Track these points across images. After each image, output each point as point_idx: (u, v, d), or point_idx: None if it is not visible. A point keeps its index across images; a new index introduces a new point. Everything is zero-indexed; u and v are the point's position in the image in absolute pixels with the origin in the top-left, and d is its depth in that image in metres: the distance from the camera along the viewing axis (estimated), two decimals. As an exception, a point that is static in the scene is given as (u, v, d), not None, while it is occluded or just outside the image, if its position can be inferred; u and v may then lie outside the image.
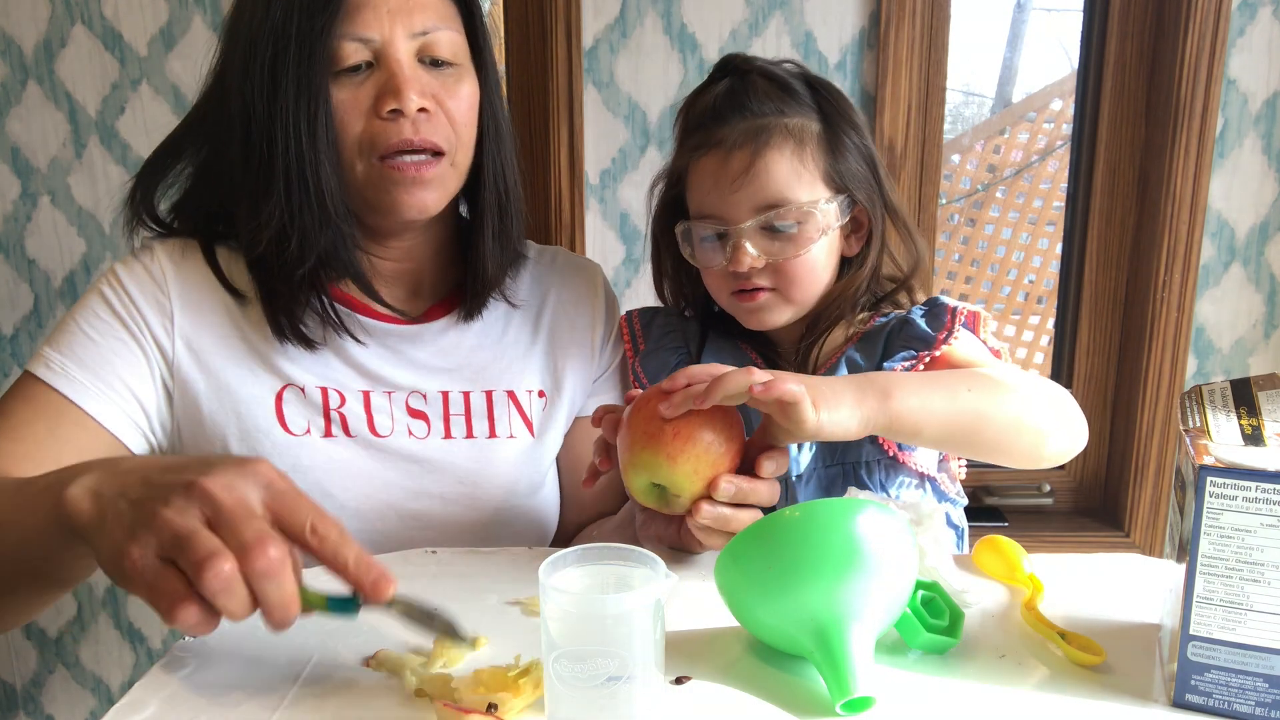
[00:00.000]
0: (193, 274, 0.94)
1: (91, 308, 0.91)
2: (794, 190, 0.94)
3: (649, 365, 1.06)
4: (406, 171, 0.88)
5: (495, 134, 0.95)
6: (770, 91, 0.97)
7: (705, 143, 0.97)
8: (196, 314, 0.93)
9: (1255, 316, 1.61)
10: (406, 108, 0.86)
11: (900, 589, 0.63)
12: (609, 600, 0.55)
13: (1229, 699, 0.58)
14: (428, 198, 0.90)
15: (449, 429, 0.98)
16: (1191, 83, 1.50)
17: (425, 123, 0.88)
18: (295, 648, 0.67)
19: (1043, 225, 3.14)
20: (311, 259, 0.89)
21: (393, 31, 0.86)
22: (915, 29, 1.52)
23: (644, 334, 1.10)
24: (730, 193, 0.95)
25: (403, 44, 0.87)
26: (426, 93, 0.88)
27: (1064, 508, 1.76)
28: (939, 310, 0.97)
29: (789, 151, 0.95)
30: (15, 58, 1.60)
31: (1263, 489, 0.55)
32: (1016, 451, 0.86)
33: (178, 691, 0.62)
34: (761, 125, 0.95)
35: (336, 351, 0.96)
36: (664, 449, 0.76)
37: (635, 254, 1.63)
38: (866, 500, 0.65)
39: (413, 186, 0.89)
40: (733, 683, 0.63)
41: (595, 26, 1.55)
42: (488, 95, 0.94)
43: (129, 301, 0.91)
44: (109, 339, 0.90)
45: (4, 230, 1.67)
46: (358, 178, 0.89)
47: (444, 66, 0.90)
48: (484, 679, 0.60)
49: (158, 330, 0.91)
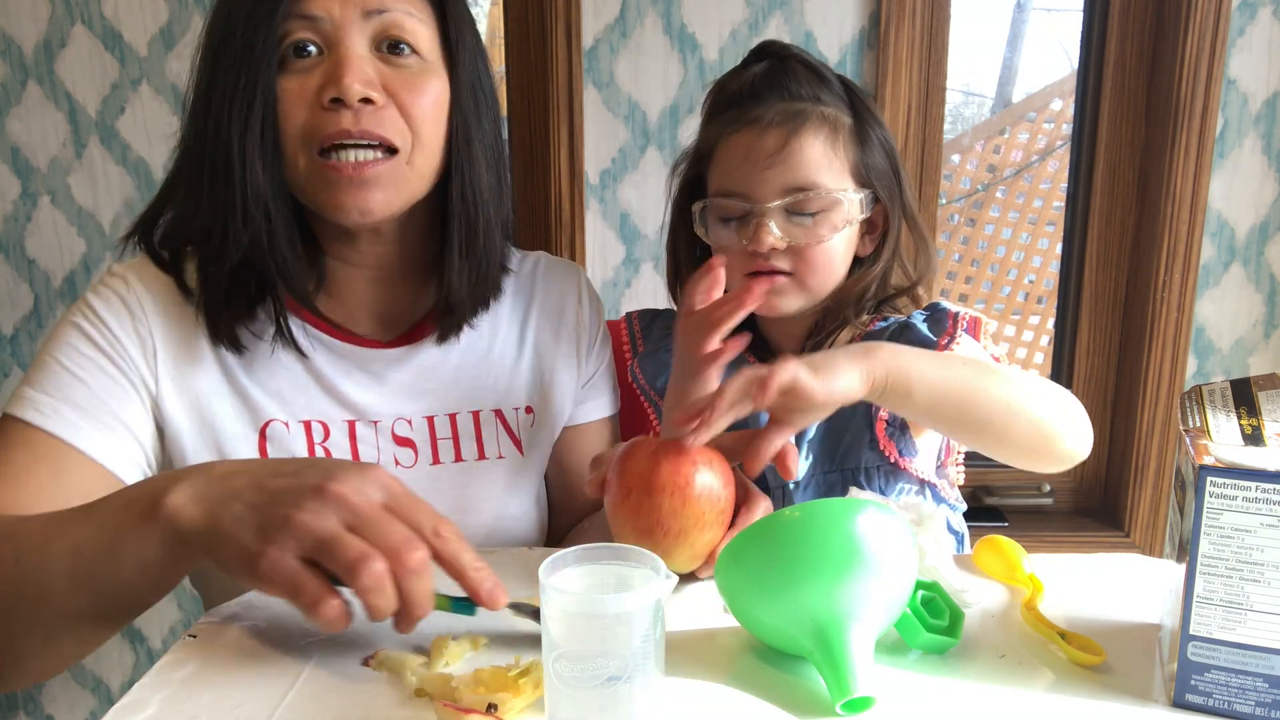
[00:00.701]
0: (172, 302, 0.88)
1: (70, 343, 0.84)
2: (824, 176, 0.94)
3: (648, 366, 1.06)
4: (344, 171, 0.80)
5: (464, 140, 0.87)
6: (808, 77, 0.98)
7: (739, 119, 0.96)
8: (178, 347, 0.87)
9: (1255, 316, 1.61)
10: (347, 95, 0.78)
11: (900, 589, 0.63)
12: (609, 600, 0.55)
13: (1229, 699, 0.58)
14: (372, 199, 0.82)
15: (437, 454, 0.94)
16: (1191, 83, 1.50)
17: (370, 114, 0.80)
18: (295, 648, 0.67)
19: (1043, 225, 3.14)
20: (235, 255, 0.82)
21: (344, 13, 0.80)
22: (915, 29, 1.52)
23: (644, 335, 1.10)
24: (761, 170, 0.94)
25: (354, 25, 0.80)
26: (374, 81, 0.80)
27: (1064, 508, 1.76)
28: (940, 316, 0.97)
29: (823, 137, 0.95)
30: (15, 58, 1.60)
31: (1263, 489, 0.55)
32: (1013, 440, 0.83)
33: (178, 691, 0.62)
34: (799, 109, 0.95)
35: (317, 381, 0.91)
36: (658, 544, 0.72)
37: (635, 254, 1.63)
38: (866, 500, 0.65)
39: (352, 187, 0.81)
40: (733, 683, 0.63)
41: (595, 26, 1.55)
42: (458, 96, 0.86)
43: (108, 334, 0.85)
44: (96, 375, 0.84)
45: (4, 230, 1.67)
46: (300, 174, 0.82)
47: (405, 55, 0.83)
48: (484, 679, 0.60)
49: (140, 364, 0.85)
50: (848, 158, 0.96)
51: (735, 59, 1.55)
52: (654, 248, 1.63)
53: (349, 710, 0.60)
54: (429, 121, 0.84)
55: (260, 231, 0.81)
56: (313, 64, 0.81)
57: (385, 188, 0.82)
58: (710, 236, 0.99)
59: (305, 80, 0.80)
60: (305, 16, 0.79)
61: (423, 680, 0.62)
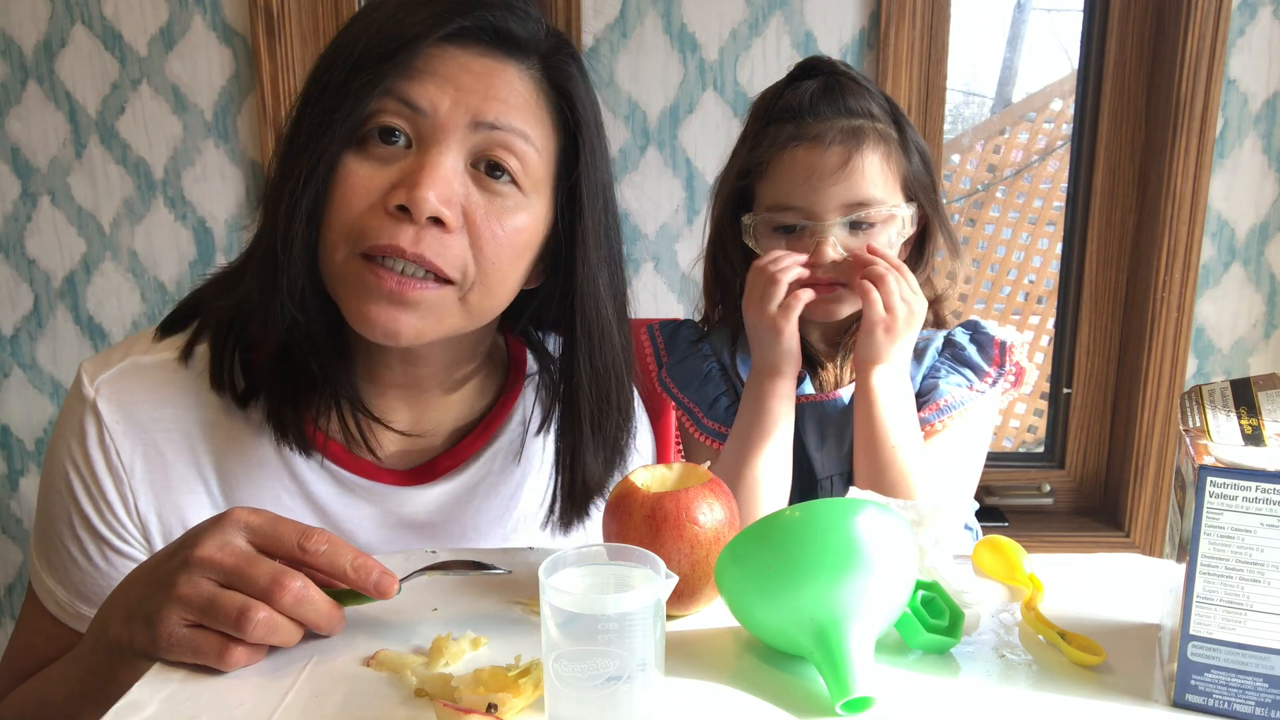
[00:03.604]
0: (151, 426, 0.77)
1: (68, 515, 0.77)
2: (881, 191, 0.98)
3: (677, 375, 1.08)
4: (385, 282, 0.68)
5: (590, 302, 0.74)
6: (860, 93, 1.00)
7: (799, 136, 0.98)
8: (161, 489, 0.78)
9: (1255, 316, 1.61)
10: (418, 210, 0.66)
11: (900, 589, 0.63)
12: (609, 600, 0.55)
13: (1229, 699, 0.58)
14: (404, 323, 0.70)
15: None
16: (1191, 83, 1.50)
17: (434, 238, 0.68)
18: (295, 648, 0.67)
19: (1043, 225, 3.13)
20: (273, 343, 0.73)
21: (451, 110, 0.68)
22: (915, 29, 1.52)
23: (667, 347, 1.11)
24: (825, 187, 0.97)
25: (458, 131, 0.68)
26: (455, 201, 0.69)
27: (1064, 508, 1.76)
28: (985, 341, 1.03)
29: (880, 153, 0.98)
30: (15, 58, 1.60)
31: (1263, 489, 0.55)
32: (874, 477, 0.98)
33: (178, 691, 0.62)
34: (858, 125, 0.98)
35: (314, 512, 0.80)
36: None
37: (635, 254, 1.63)
38: (866, 500, 0.65)
39: (388, 304, 0.69)
40: (733, 683, 0.63)
41: (595, 26, 1.55)
42: (584, 246, 0.74)
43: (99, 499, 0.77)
44: (98, 564, 0.78)
45: (4, 230, 1.67)
46: (334, 267, 0.71)
47: (502, 182, 0.70)
48: (484, 679, 0.60)
49: (130, 527, 0.78)
50: (899, 171, 1.00)
51: (735, 59, 1.56)
52: (654, 248, 1.63)
53: (349, 710, 0.60)
54: (503, 263, 0.72)
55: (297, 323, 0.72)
56: (395, 155, 0.69)
57: (425, 316, 0.71)
58: (761, 248, 1.02)
59: (378, 171, 0.69)
60: (406, 101, 0.68)
61: (423, 680, 0.62)
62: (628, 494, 0.71)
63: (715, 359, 1.08)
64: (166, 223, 1.66)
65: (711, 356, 1.08)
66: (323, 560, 0.62)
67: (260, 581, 0.60)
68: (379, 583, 0.63)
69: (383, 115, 0.68)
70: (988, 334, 1.04)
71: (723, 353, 1.08)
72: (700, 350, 1.09)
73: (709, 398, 1.06)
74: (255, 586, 0.60)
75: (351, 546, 0.63)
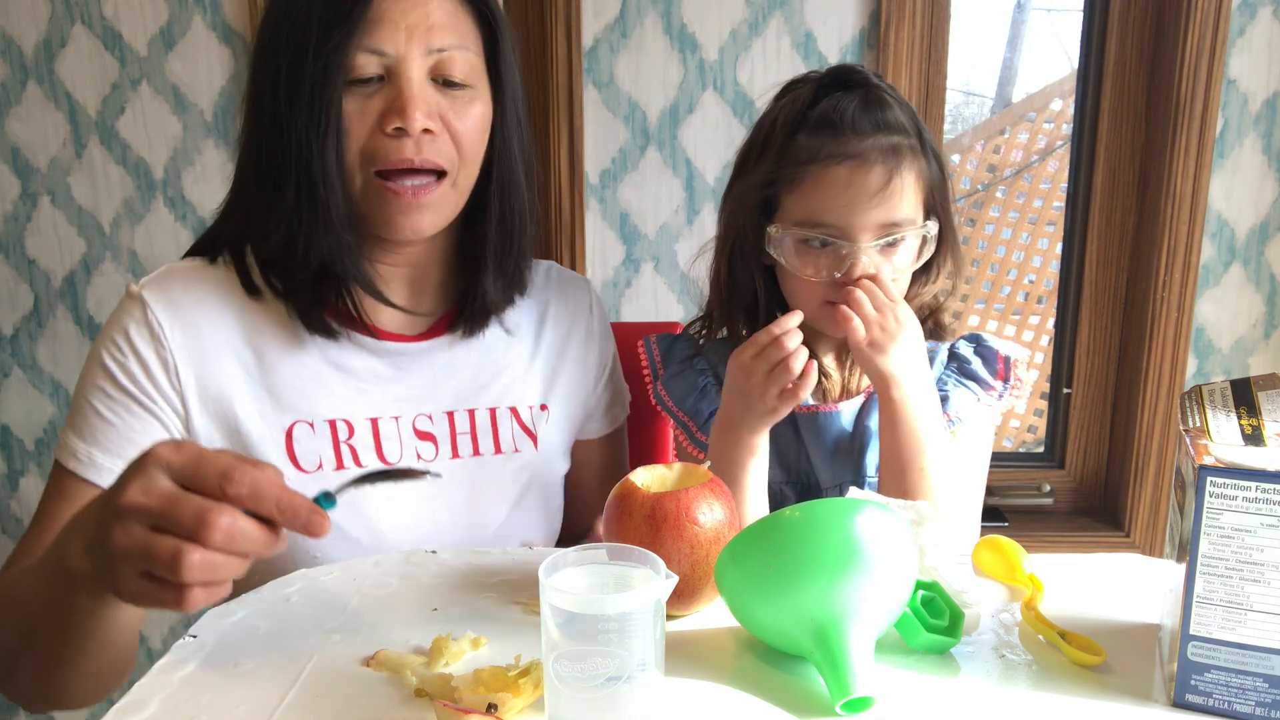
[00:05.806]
0: (192, 308, 0.91)
1: (99, 384, 0.89)
2: (912, 210, 0.97)
3: (674, 388, 1.08)
4: (404, 196, 0.87)
5: (505, 161, 0.94)
6: (893, 107, 0.98)
7: (839, 154, 0.95)
8: (200, 360, 0.90)
9: (1255, 316, 1.61)
10: (411, 127, 0.85)
11: (900, 589, 0.63)
12: (609, 600, 0.55)
13: (1229, 699, 0.58)
14: (423, 220, 0.89)
15: (456, 448, 0.98)
16: (1191, 83, 1.50)
17: (429, 143, 0.87)
18: (295, 648, 0.67)
19: (1043, 225, 3.13)
20: (315, 263, 0.89)
21: (408, 48, 0.85)
22: (915, 29, 1.52)
23: (664, 360, 1.11)
24: (866, 209, 0.95)
25: (416, 61, 0.86)
26: (434, 112, 0.87)
27: (1064, 508, 1.76)
28: (989, 355, 1.04)
29: (915, 171, 0.97)
30: (15, 58, 1.60)
31: (1263, 489, 0.55)
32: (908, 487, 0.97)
33: (178, 691, 0.62)
34: (895, 143, 0.96)
35: (343, 377, 0.95)
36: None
37: (635, 254, 1.63)
38: (866, 500, 0.65)
39: (410, 210, 0.88)
40: (733, 683, 0.63)
41: (595, 26, 1.55)
42: (501, 118, 0.93)
43: (134, 367, 0.89)
44: (124, 417, 0.88)
45: (4, 230, 1.68)
46: (355, 190, 0.89)
47: (456, 87, 0.89)
48: (484, 679, 0.60)
49: (168, 391, 0.89)
50: (924, 188, 0.99)
51: (735, 59, 1.56)
52: (654, 248, 1.63)
53: (349, 710, 0.60)
54: (474, 145, 0.91)
55: (339, 241, 0.88)
56: (373, 90, 0.86)
57: (436, 210, 0.90)
58: (786, 260, 0.99)
59: (366, 104, 0.86)
60: (375, 51, 0.85)
61: (423, 680, 0.62)
62: (628, 494, 0.71)
63: (711, 373, 1.07)
64: (166, 223, 1.66)
65: (707, 371, 1.08)
66: (245, 500, 0.60)
67: (187, 523, 0.58)
68: (309, 523, 0.60)
69: (363, 66, 0.85)
70: (991, 348, 1.04)
71: (718, 366, 1.08)
72: (695, 365, 1.09)
73: (703, 413, 1.05)
74: (183, 528, 0.58)
75: (278, 484, 0.61)
